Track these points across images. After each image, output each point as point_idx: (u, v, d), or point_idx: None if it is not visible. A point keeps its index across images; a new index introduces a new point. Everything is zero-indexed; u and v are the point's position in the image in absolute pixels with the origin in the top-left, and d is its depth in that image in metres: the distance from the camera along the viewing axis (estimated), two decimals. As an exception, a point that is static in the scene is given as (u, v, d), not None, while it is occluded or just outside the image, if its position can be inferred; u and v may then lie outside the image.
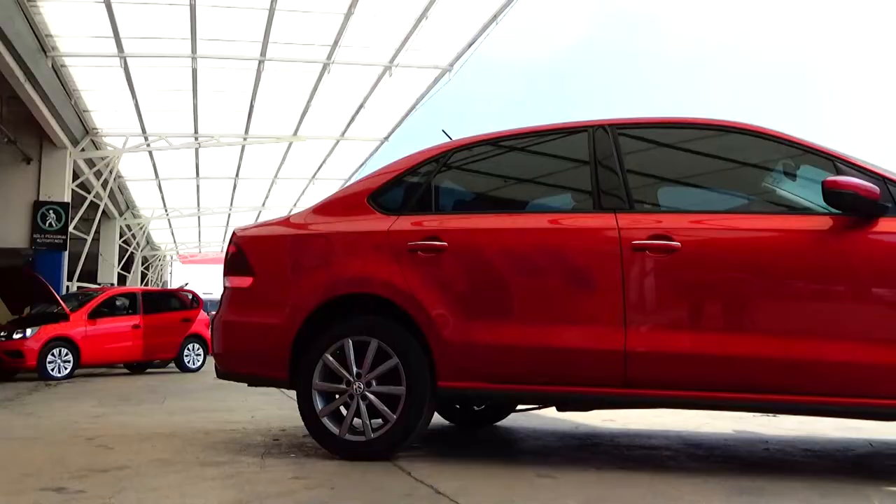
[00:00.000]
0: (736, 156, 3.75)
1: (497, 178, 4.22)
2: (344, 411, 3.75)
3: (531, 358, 3.52)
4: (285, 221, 4.33)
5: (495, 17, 13.19)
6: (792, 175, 3.61)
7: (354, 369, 3.72)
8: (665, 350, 3.33)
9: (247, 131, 18.70)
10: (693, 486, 3.11)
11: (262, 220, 20.87)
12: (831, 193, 3.18)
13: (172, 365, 14.52)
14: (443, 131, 4.36)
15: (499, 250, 3.68)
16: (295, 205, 26.48)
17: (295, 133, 18.98)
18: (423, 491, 3.04)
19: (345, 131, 19.27)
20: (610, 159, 3.66)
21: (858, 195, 3.14)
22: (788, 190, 3.65)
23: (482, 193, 4.26)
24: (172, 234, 35.66)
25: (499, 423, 5.12)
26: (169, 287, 33.87)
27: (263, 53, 14.10)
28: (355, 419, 3.70)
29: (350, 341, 3.74)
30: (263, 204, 27.43)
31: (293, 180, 24.53)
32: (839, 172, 3.30)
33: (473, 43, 14.28)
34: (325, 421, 3.76)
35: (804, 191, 3.50)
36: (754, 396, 3.29)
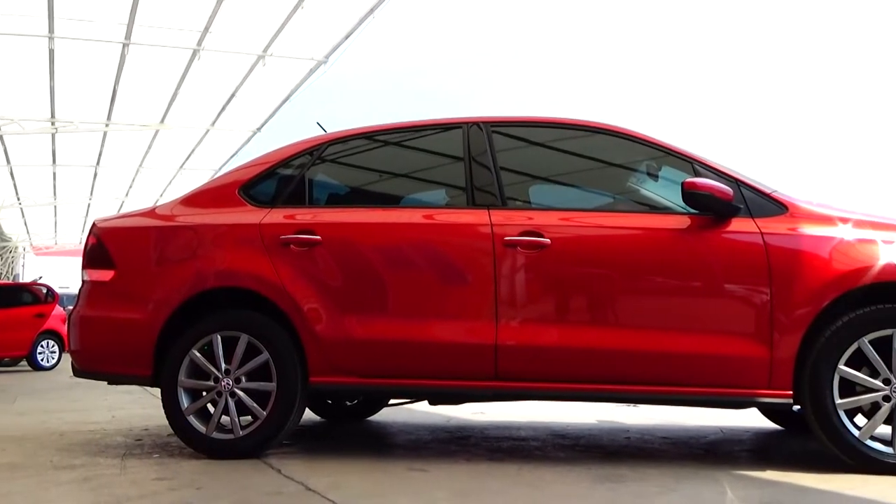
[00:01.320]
0: (603, 156, 3.90)
1: (372, 172, 4.21)
2: (212, 409, 3.65)
3: (404, 352, 3.53)
4: (150, 212, 4.16)
5: (372, 10, 13.12)
6: (654, 175, 3.79)
7: (223, 365, 3.62)
8: (534, 343, 3.42)
9: (109, 117, 17.79)
10: (558, 475, 3.21)
11: (124, 210, 19.97)
12: (690, 194, 3.36)
13: (24, 363, 13.65)
14: (317, 124, 4.30)
15: (373, 245, 3.67)
16: (161, 195, 25.44)
17: (162, 121, 18.22)
18: (292, 488, 2.99)
19: (215, 121, 18.67)
20: (484, 156, 3.72)
21: (714, 196, 3.33)
22: (651, 190, 3.82)
23: (357, 187, 4.23)
24: (25, 224, 33.50)
25: (371, 418, 5.11)
26: (21, 280, 31.88)
27: (128, 36, 13.44)
28: (223, 417, 3.60)
29: (219, 337, 3.64)
30: (127, 194, 26.20)
31: (159, 170, 23.57)
32: (697, 174, 3.48)
33: (350, 36, 14.16)
34: (192, 419, 3.64)
35: (665, 191, 3.67)
36: (618, 388, 3.44)
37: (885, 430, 3.23)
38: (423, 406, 4.91)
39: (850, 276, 3.24)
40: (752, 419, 4.85)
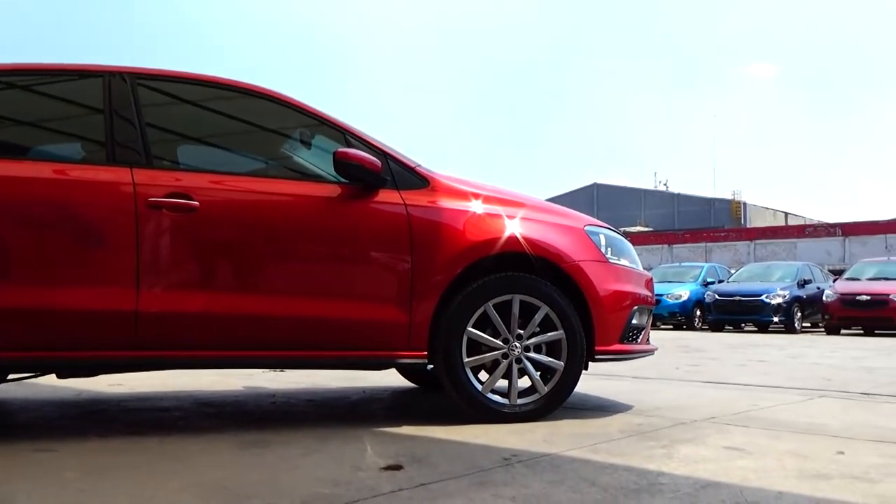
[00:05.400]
0: (257, 120, 3.84)
1: (-10, 117, 3.68)
2: None
3: (26, 322, 3.16)
4: None
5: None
6: (307, 143, 3.83)
7: None
8: (180, 310, 3.28)
9: None
10: (203, 445, 3.13)
11: None
12: (341, 164, 3.45)
13: None
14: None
15: (-10, 200, 3.22)
16: None
17: None
18: None
19: None
20: (127, 110, 3.44)
21: (363, 167, 3.46)
22: (304, 157, 3.86)
23: (-30, 133, 3.67)
24: None
25: (-15, 396, 4.53)
26: None
27: None
28: None
29: None
30: None
31: None
32: (349, 145, 3.59)
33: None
34: None
35: (318, 159, 3.73)
36: (266, 353, 3.45)
37: (504, 383, 3.65)
38: (49, 380, 4.47)
39: (480, 247, 3.59)
40: (391, 379, 5.17)
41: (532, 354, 3.66)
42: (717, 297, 17.33)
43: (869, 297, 15.27)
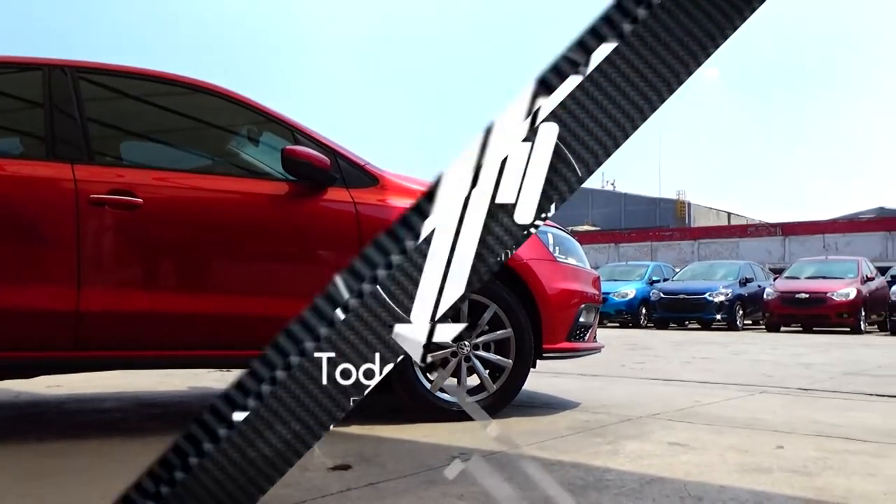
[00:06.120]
0: (203, 116, 3.78)
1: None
2: None
3: (-38, 321, 3.06)
4: None
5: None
6: (255, 140, 3.78)
7: None
8: (123, 309, 3.21)
9: None
10: (146, 446, 3.07)
11: None
12: (289, 161, 3.41)
13: None
14: None
15: (-78, 196, 3.10)
16: None
17: None
18: None
19: None
20: (68, 104, 3.36)
21: (312, 164, 3.43)
22: (251, 154, 3.81)
23: None
24: None
25: (-83, 399, 4.38)
26: None
27: None
28: None
29: None
30: None
31: None
32: (297, 142, 3.55)
33: None
34: None
35: (265, 156, 3.69)
36: (211, 353, 3.39)
37: (453, 381, 3.66)
38: (-15, 382, 4.35)
39: (429, 246, 3.58)
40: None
41: (481, 353, 3.67)
42: (662, 295, 17.64)
43: (808, 296, 15.70)
